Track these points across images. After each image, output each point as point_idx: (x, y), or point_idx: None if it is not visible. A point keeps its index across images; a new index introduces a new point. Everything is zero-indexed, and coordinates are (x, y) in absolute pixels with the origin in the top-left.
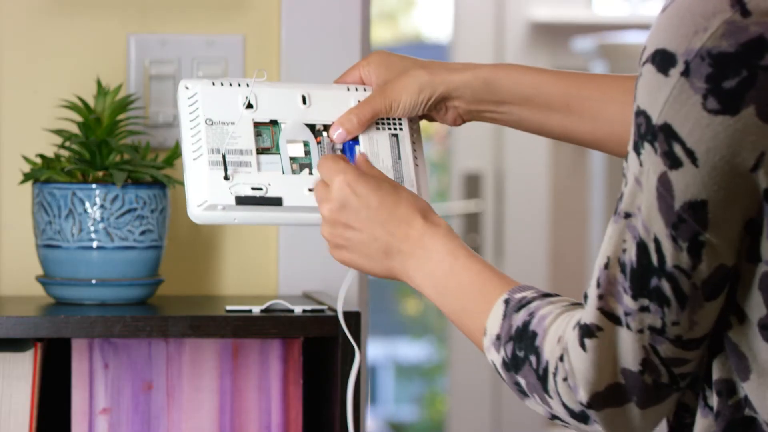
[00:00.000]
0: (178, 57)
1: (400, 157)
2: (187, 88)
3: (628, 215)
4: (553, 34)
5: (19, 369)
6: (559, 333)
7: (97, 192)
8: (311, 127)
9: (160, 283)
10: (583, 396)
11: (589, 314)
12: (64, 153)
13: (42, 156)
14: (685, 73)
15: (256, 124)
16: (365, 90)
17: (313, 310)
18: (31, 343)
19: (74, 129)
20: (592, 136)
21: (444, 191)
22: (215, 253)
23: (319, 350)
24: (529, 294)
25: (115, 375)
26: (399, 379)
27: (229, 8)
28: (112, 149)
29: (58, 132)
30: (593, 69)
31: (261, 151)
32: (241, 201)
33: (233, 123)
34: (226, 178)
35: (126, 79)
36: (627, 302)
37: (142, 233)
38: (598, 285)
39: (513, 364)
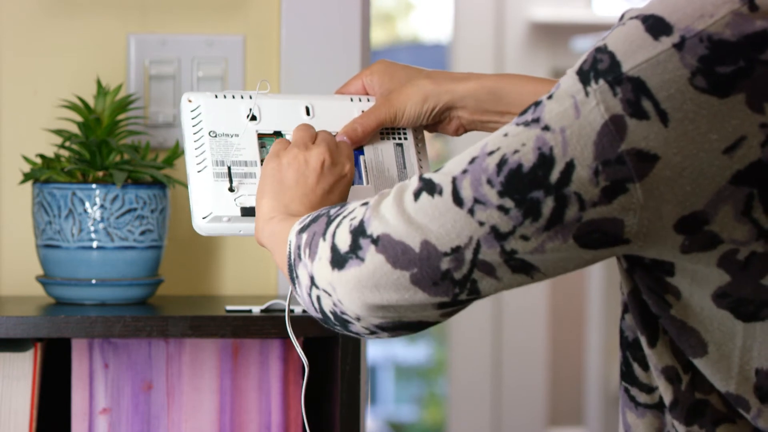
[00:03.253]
0: (178, 57)
1: (405, 166)
2: (190, 101)
3: (546, 128)
4: (553, 34)
5: (19, 369)
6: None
7: (97, 192)
8: None
9: (160, 283)
10: (378, 228)
11: (440, 176)
12: (64, 153)
13: (42, 156)
14: (678, 47)
15: (260, 136)
16: (368, 100)
17: None
18: (31, 343)
19: (74, 129)
20: None
21: None
22: (215, 253)
23: (319, 350)
24: None
25: (115, 375)
26: (398, 381)
27: (229, 8)
28: (112, 149)
29: (58, 132)
30: None
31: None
32: (247, 212)
33: (237, 135)
34: (231, 189)
35: (126, 79)
36: (487, 192)
37: (142, 233)
38: (471, 161)
39: (308, 223)
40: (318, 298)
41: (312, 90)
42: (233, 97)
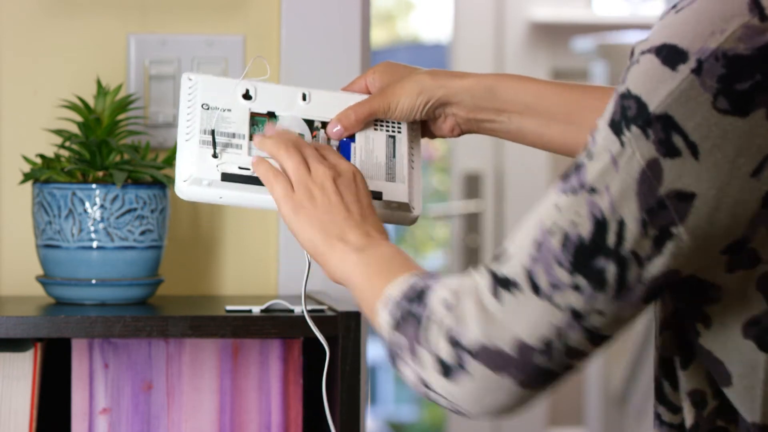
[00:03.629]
0: (178, 57)
1: (394, 156)
2: (189, 79)
3: (593, 190)
4: (553, 34)
5: (19, 369)
6: (452, 286)
7: (97, 192)
8: (309, 123)
9: (160, 283)
10: (471, 339)
11: (512, 269)
12: (64, 153)
13: (42, 156)
14: (697, 71)
15: (254, 115)
16: (365, 97)
17: (313, 310)
18: (31, 343)
19: (74, 129)
20: None
21: (444, 191)
22: (215, 253)
23: (319, 350)
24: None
25: (115, 375)
26: (398, 381)
27: (229, 8)
28: (112, 149)
29: (58, 132)
30: (593, 69)
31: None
32: (227, 178)
33: (229, 110)
34: (214, 155)
35: (126, 79)
36: (559, 275)
37: (142, 233)
38: (537, 248)
39: (400, 320)
40: (434, 399)
41: None
42: (232, 78)
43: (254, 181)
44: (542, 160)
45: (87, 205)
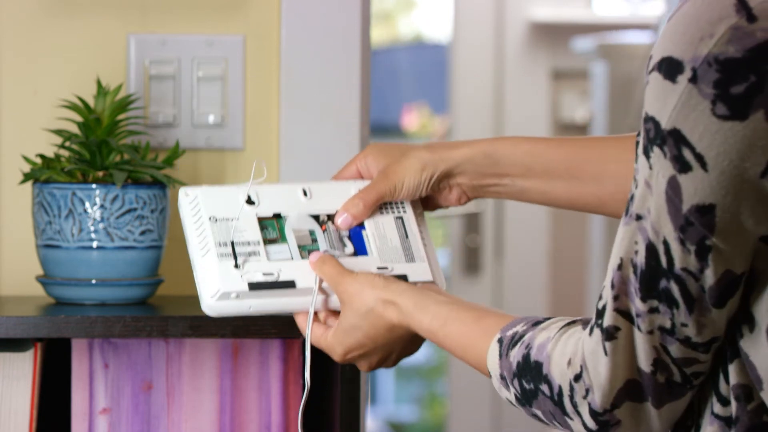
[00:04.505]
0: (178, 57)
1: (407, 236)
2: (187, 194)
3: (639, 217)
4: (553, 34)
5: (19, 369)
6: (567, 355)
7: (97, 192)
8: (315, 217)
9: (160, 283)
10: (604, 399)
11: (607, 317)
12: (64, 153)
13: (42, 156)
14: (693, 80)
15: (260, 219)
16: (364, 182)
17: None
18: (31, 343)
19: (74, 129)
20: (595, 197)
21: None
22: None
23: (319, 350)
24: (520, 328)
25: (115, 375)
26: (399, 380)
27: (229, 8)
28: (112, 149)
29: (58, 132)
30: (593, 69)
31: (268, 242)
32: (255, 287)
33: (237, 219)
34: (236, 266)
35: (126, 79)
36: (638, 304)
37: (142, 233)
38: (613, 286)
39: (525, 398)
40: None
41: (310, 92)
42: (229, 186)
43: (281, 285)
44: None
45: (87, 205)
